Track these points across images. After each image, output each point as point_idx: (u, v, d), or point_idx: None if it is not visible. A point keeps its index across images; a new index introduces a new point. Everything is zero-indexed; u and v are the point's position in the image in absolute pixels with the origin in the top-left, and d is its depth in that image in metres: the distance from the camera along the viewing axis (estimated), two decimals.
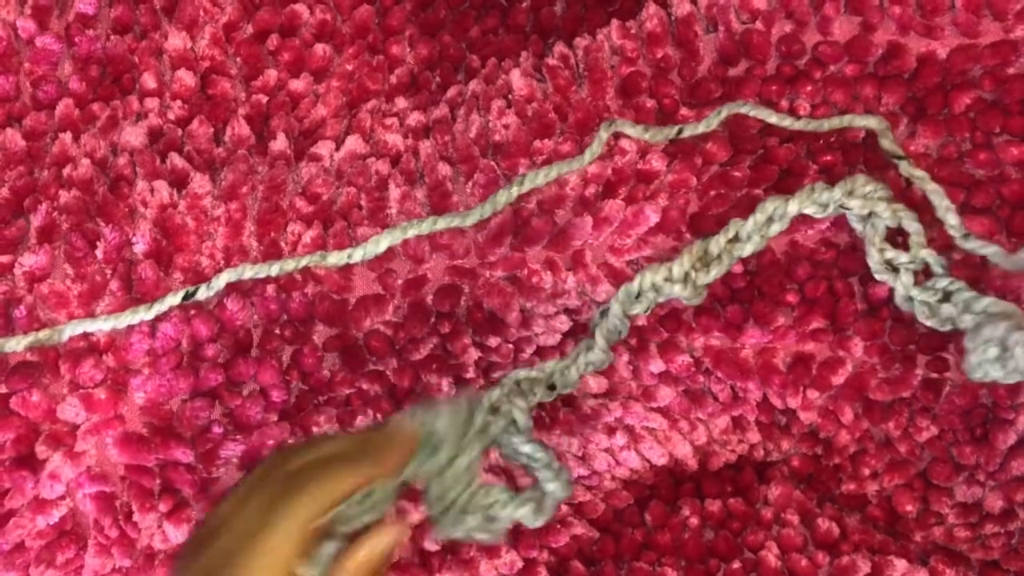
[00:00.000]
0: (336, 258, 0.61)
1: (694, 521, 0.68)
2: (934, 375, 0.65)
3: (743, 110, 0.64)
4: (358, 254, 0.61)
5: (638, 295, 0.62)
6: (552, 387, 0.61)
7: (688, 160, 0.64)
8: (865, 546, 0.67)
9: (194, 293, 0.59)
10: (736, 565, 0.66)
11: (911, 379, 0.65)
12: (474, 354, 0.63)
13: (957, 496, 0.67)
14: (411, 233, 0.62)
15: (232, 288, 0.61)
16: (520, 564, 0.65)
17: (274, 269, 0.60)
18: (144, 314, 0.59)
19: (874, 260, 0.62)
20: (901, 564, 0.65)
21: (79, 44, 0.63)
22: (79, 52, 0.63)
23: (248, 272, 0.60)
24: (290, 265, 0.60)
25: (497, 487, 0.54)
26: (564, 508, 0.67)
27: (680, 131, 0.64)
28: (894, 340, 0.64)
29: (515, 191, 0.62)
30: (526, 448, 0.57)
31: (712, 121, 0.64)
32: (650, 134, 0.64)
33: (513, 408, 0.58)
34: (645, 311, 0.62)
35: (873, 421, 0.66)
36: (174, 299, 0.59)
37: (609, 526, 0.68)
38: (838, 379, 0.65)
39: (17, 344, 0.58)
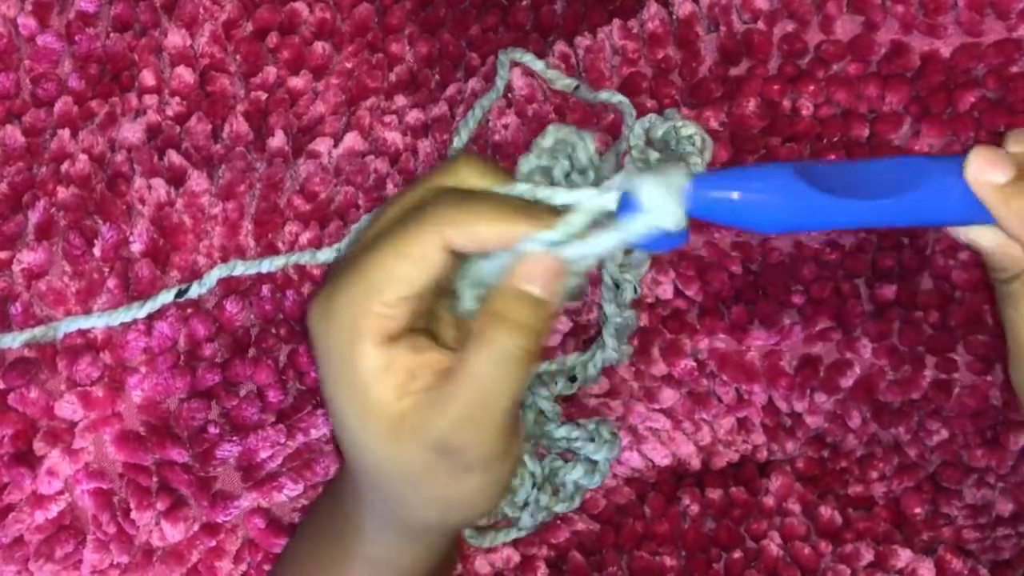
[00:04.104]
0: (326, 255, 0.61)
1: (694, 509, 0.67)
2: (943, 376, 0.64)
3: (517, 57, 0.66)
4: (345, 245, 0.61)
5: (617, 285, 0.61)
6: (573, 379, 0.61)
7: None
8: (869, 535, 0.66)
9: (186, 291, 0.59)
10: (737, 554, 0.65)
11: (921, 380, 0.64)
12: None
13: (967, 498, 0.66)
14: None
15: (230, 289, 0.61)
16: (517, 559, 0.64)
17: (264, 265, 0.60)
18: (137, 312, 0.59)
19: None
20: (905, 554, 0.64)
21: (79, 42, 0.63)
22: (79, 50, 0.63)
23: (239, 268, 0.60)
24: (280, 261, 0.60)
25: (549, 457, 0.53)
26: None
27: (577, 87, 0.65)
28: (903, 341, 0.64)
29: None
30: (561, 432, 0.56)
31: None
32: (550, 74, 0.65)
33: (537, 398, 0.56)
34: (636, 293, 0.61)
35: (882, 425, 0.65)
36: (167, 296, 0.59)
37: (610, 517, 0.68)
38: (846, 381, 0.64)
39: (13, 340, 0.58)
